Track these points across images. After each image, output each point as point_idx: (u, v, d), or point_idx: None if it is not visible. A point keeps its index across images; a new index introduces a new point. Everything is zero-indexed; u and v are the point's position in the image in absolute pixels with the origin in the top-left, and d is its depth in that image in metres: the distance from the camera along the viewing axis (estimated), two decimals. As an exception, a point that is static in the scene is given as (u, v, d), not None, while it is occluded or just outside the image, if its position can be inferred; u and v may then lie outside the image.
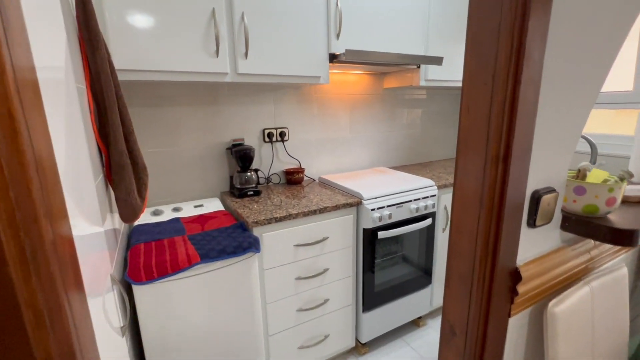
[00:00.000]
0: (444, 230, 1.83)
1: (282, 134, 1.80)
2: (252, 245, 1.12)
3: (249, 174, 1.60)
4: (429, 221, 1.68)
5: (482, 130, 0.52)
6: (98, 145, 0.94)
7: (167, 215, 1.44)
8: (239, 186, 1.59)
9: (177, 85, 1.51)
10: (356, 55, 1.43)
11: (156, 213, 1.44)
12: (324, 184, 1.82)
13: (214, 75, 1.30)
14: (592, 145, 1.22)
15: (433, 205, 1.69)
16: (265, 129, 1.76)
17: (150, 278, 0.95)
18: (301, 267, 1.40)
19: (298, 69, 1.47)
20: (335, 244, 1.47)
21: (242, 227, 1.27)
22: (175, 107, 1.53)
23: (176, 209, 1.49)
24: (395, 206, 1.57)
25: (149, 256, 1.03)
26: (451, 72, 1.92)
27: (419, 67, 1.81)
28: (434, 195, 1.70)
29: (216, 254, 1.05)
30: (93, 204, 0.62)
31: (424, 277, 1.82)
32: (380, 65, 1.71)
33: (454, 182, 0.59)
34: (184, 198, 1.62)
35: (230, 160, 1.70)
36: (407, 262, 1.74)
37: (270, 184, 1.82)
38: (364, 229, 1.51)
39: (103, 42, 0.90)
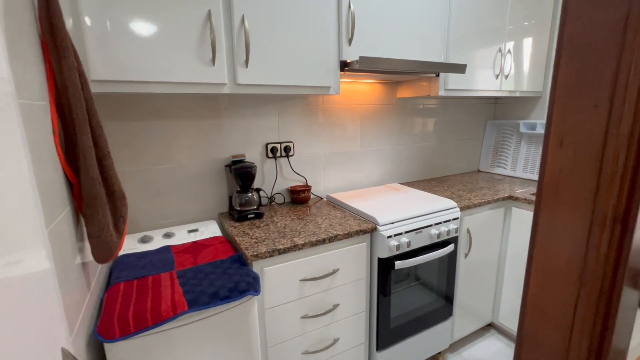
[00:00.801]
0: (466, 256, 1.64)
1: (286, 149, 1.64)
2: (250, 286, 0.95)
3: (249, 194, 1.43)
4: (451, 247, 1.50)
5: (587, 174, 0.35)
6: (65, 172, 0.78)
7: (157, 242, 1.27)
8: (238, 208, 1.42)
9: (169, 97, 1.36)
10: (372, 63, 1.27)
11: (144, 240, 1.27)
12: (333, 203, 1.64)
13: (210, 86, 1.15)
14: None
15: (456, 230, 1.50)
16: (268, 144, 1.60)
17: (125, 333, 0.78)
18: (308, 304, 1.22)
19: (305, 78, 1.31)
20: (347, 277, 1.29)
21: (240, 260, 1.10)
22: (168, 120, 1.37)
23: (168, 235, 1.32)
24: (415, 232, 1.39)
25: (127, 301, 0.86)
26: (472, 80, 1.75)
27: (437, 75, 1.64)
28: (457, 219, 1.51)
29: (207, 300, 0.88)
30: (30, 249, 0.46)
31: (444, 308, 1.62)
32: (396, 73, 1.55)
33: (531, 244, 0.42)
34: (177, 221, 1.46)
35: (229, 179, 1.53)
36: (426, 293, 1.54)
37: (274, 203, 1.65)
38: (379, 259, 1.33)
39: (72, 48, 0.75)
